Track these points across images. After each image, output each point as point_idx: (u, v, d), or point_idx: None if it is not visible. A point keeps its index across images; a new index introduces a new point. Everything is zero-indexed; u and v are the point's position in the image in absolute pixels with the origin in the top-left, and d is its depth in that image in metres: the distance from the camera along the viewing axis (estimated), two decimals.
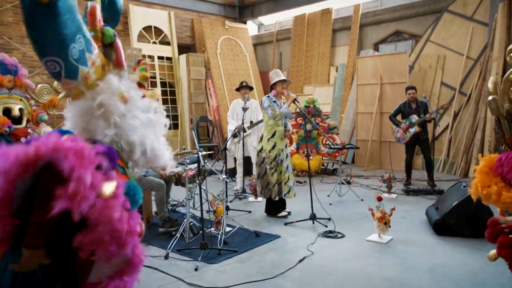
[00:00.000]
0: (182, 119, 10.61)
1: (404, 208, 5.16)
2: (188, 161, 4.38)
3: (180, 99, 10.60)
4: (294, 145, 7.79)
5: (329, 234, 4.19)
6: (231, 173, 7.10)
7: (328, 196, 5.94)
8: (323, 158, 7.96)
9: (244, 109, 6.13)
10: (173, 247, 3.78)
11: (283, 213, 4.93)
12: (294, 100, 4.67)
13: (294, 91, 11.01)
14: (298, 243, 4.00)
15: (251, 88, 6.34)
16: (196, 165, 4.58)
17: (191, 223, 4.27)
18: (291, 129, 5.24)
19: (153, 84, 10.31)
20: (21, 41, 8.55)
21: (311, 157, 7.60)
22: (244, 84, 6.30)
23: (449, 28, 8.11)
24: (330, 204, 5.48)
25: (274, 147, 4.80)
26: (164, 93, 10.53)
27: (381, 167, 8.55)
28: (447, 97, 7.96)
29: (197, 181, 4.43)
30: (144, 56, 10.07)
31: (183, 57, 10.47)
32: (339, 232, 4.24)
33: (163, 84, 10.55)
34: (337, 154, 7.64)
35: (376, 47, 9.73)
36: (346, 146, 5.68)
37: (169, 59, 10.65)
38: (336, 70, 10.35)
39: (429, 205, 4.79)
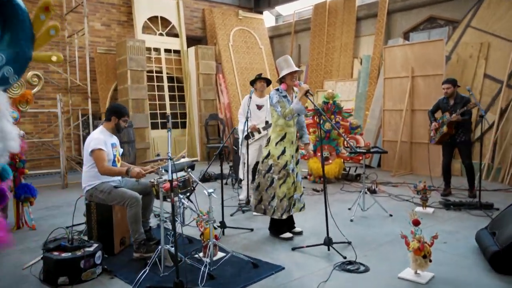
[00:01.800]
0: (191, 117, 9.77)
1: (446, 229, 4.11)
2: (163, 170, 3.50)
3: (189, 96, 9.76)
4: (310, 146, 6.79)
5: (349, 267, 3.20)
6: (237, 180, 6.21)
7: (349, 209, 4.95)
8: (345, 161, 6.94)
9: (257, 107, 5.24)
10: (142, 283, 2.90)
11: (288, 235, 3.97)
12: (307, 93, 3.70)
13: (314, 87, 10.01)
14: (307, 279, 3.04)
15: (268, 82, 5.40)
16: (182, 173, 3.68)
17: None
18: (308, 141, 4.29)
19: (159, 79, 9.51)
20: None
21: (330, 161, 6.60)
22: (260, 76, 5.36)
23: (495, 11, 6.93)
24: (351, 220, 4.49)
25: (284, 152, 3.85)
26: (171, 89, 9.72)
27: (411, 172, 7.46)
28: (492, 91, 6.80)
29: (180, 196, 3.53)
30: (149, 48, 9.29)
31: (192, 50, 9.63)
32: (361, 264, 3.25)
33: (170, 79, 9.74)
34: (360, 158, 6.61)
35: (406, 36, 8.61)
36: (371, 150, 4.67)
37: (177, 52, 9.83)
38: (361, 63, 9.28)
39: (480, 227, 3.73)
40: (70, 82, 8.49)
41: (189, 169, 3.53)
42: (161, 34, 9.64)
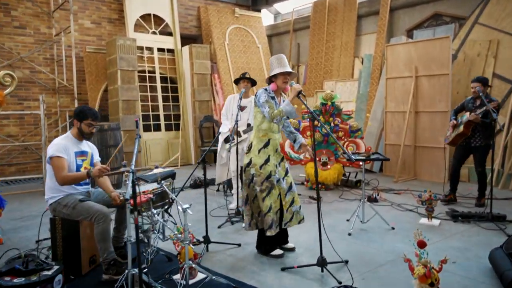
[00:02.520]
0: (185, 119, 9.39)
1: (454, 245, 3.70)
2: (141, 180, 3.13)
3: (183, 97, 9.38)
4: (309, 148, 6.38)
5: None
6: (228, 186, 5.83)
7: (348, 221, 4.54)
8: (344, 167, 6.54)
9: (240, 108, 4.84)
10: None
11: (279, 252, 3.56)
12: (299, 94, 3.30)
13: (313, 87, 9.62)
14: None
15: (253, 82, 5.01)
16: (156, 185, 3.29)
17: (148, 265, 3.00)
18: (304, 140, 3.79)
19: (152, 79, 9.14)
20: None
21: (328, 166, 6.20)
22: (244, 75, 4.98)
23: (505, 7, 6.51)
24: (349, 234, 4.08)
25: (267, 161, 3.44)
26: (164, 89, 9.34)
27: (415, 177, 7.04)
28: (502, 92, 6.38)
29: (154, 211, 3.14)
30: (141, 48, 8.92)
31: (186, 49, 9.25)
32: None
33: (164, 80, 9.36)
34: (360, 163, 6.20)
35: (409, 34, 8.20)
36: (372, 157, 4.26)
37: (170, 51, 9.45)
38: (362, 62, 8.88)
39: (493, 244, 3.33)
40: (58, 82, 8.12)
41: (163, 181, 3.13)
42: (154, 33, 9.26)
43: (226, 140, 4.98)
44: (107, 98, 8.57)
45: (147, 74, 9.01)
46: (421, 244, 2.58)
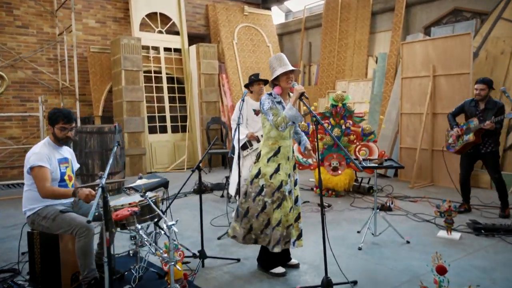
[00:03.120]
0: (192, 120, 9.12)
1: (478, 264, 3.31)
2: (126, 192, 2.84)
3: (190, 97, 9.11)
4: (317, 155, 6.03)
5: None
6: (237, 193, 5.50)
7: (359, 232, 4.17)
8: (356, 172, 6.16)
9: (255, 112, 4.56)
10: None
11: (281, 270, 3.22)
12: (301, 96, 2.97)
13: (325, 87, 9.24)
14: None
15: (266, 82, 4.68)
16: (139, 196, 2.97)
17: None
18: (309, 146, 3.41)
19: (158, 80, 8.89)
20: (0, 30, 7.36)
21: (339, 171, 5.83)
22: (257, 76, 4.63)
23: None
24: (360, 249, 3.72)
25: (278, 170, 3.11)
26: (171, 90, 9.08)
27: (432, 183, 6.62)
28: None
29: (139, 226, 2.83)
30: (147, 47, 8.68)
31: (193, 48, 8.97)
32: None
33: (170, 80, 9.10)
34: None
35: (427, 31, 7.76)
36: (385, 164, 3.88)
37: (177, 51, 9.19)
38: (376, 61, 8.47)
39: None
40: (61, 83, 7.92)
41: (149, 192, 2.82)
42: (160, 32, 9.01)
43: (244, 147, 4.65)
44: (111, 99, 8.36)
45: (153, 75, 8.76)
46: (441, 271, 2.21)
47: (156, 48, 8.87)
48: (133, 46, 7.90)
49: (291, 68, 3.06)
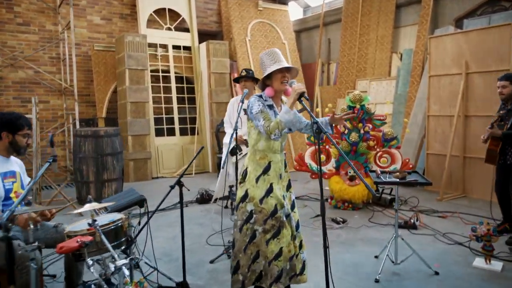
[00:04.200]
0: (202, 122, 8.61)
1: None
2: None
3: (200, 98, 8.60)
4: (332, 162, 5.40)
5: None
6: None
7: (376, 258, 3.53)
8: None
9: (245, 112, 3.95)
10: None
11: None
12: (301, 96, 2.37)
13: (344, 87, 8.57)
14: None
15: (255, 80, 4.13)
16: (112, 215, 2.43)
17: None
18: (328, 116, 2.67)
19: (166, 80, 8.42)
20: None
21: (357, 181, 5.17)
22: (244, 73, 4.13)
23: None
24: (377, 281, 3.08)
25: (270, 191, 2.52)
26: (180, 90, 8.60)
27: (465, 194, 5.87)
28: None
29: (90, 262, 2.27)
30: (154, 45, 8.23)
31: (203, 46, 8.46)
32: None
33: (179, 80, 8.62)
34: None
35: (458, 24, 6.98)
36: (408, 179, 3.20)
37: (187, 49, 8.70)
38: (400, 58, 7.74)
39: None
40: (64, 83, 7.54)
41: (96, 221, 2.24)
42: (169, 29, 8.54)
43: (232, 152, 4.10)
44: (116, 100, 7.95)
45: (160, 74, 8.30)
46: None
47: (164, 46, 8.40)
48: (138, 43, 7.45)
49: (285, 65, 2.46)
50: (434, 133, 6.30)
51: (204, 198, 5.79)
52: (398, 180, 3.17)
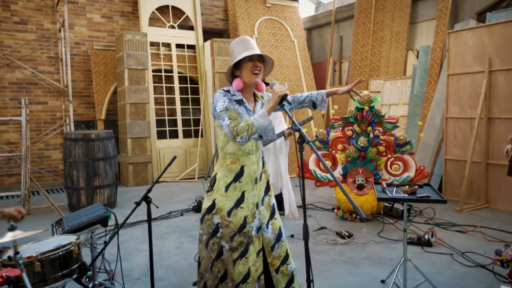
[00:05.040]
0: (206, 124, 8.24)
1: None
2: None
3: (205, 99, 8.23)
4: (339, 168, 4.94)
5: None
6: None
7: (383, 283, 3.07)
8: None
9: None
10: None
11: None
12: (283, 100, 1.96)
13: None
14: None
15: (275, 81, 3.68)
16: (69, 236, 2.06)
17: None
18: (328, 91, 2.30)
19: (169, 80, 8.08)
20: None
21: (366, 190, 4.69)
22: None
23: None
24: None
25: (240, 202, 2.13)
26: (183, 91, 8.25)
27: (487, 205, 5.33)
28: None
29: None
30: (157, 44, 7.90)
31: (207, 44, 8.09)
32: None
33: (183, 80, 8.27)
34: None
35: (480, 18, 6.41)
36: (420, 194, 2.71)
37: (191, 47, 8.34)
38: (417, 56, 7.21)
39: None
40: (62, 84, 7.28)
41: (18, 254, 1.84)
42: (172, 27, 8.20)
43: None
44: (115, 101, 7.65)
45: (163, 74, 7.96)
46: None
47: (167, 45, 8.06)
48: (138, 42, 7.13)
49: (257, 51, 2.07)
50: (453, 137, 5.77)
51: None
52: (406, 195, 2.70)
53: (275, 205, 2.31)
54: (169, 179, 7.61)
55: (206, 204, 2.18)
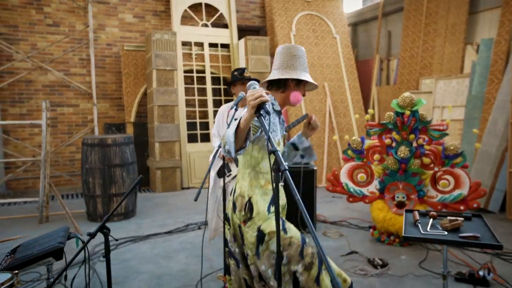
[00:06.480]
0: None
1: None
2: None
3: None
4: (375, 182, 4.24)
5: None
6: None
7: None
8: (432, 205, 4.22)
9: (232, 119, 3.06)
10: None
11: None
12: (260, 108, 1.45)
13: (405, 87, 7.25)
14: None
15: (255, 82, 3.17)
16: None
17: None
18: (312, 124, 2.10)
19: (202, 81, 7.73)
20: (29, 29, 6.80)
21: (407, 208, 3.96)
22: (237, 73, 3.26)
23: None
24: None
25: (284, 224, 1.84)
26: (216, 92, 7.86)
27: None
28: None
29: None
30: (189, 43, 7.58)
31: (241, 42, 7.64)
32: None
33: (216, 81, 7.87)
34: (461, 207, 3.86)
35: None
36: (464, 233, 1.99)
37: (225, 46, 7.93)
38: (477, 51, 6.25)
39: None
40: (93, 86, 7.15)
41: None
42: (205, 25, 7.84)
43: (220, 174, 3.22)
44: (145, 103, 7.42)
45: (195, 74, 7.61)
46: None
47: (200, 44, 7.71)
48: (167, 41, 6.82)
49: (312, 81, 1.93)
50: None
51: (206, 221, 4.93)
52: (445, 233, 2.01)
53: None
54: (198, 186, 7.24)
55: (251, 238, 1.75)
